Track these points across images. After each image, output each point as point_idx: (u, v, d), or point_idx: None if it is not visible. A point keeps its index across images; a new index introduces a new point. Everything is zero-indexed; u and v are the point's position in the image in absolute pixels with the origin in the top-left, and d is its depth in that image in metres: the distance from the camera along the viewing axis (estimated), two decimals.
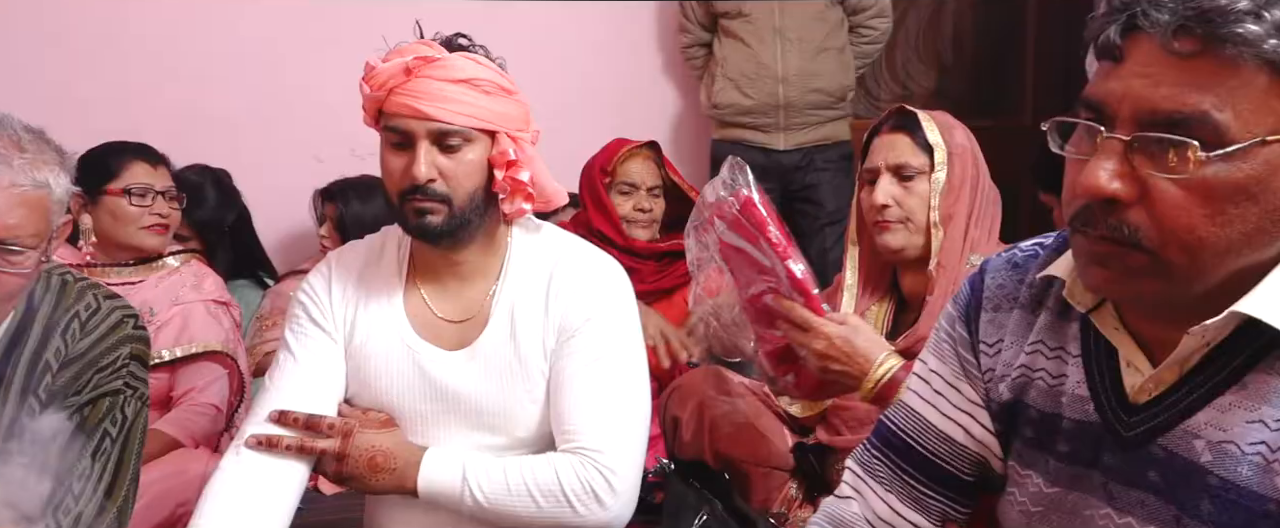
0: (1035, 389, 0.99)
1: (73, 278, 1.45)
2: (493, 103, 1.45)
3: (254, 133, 3.17)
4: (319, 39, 3.19)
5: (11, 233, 1.27)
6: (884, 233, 1.74)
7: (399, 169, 1.45)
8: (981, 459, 1.07)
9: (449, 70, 1.43)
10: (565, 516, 1.43)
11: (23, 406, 1.36)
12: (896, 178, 1.73)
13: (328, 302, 1.55)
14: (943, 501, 1.09)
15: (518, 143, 1.48)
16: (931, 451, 1.08)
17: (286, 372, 1.52)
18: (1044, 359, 0.99)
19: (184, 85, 3.11)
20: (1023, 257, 1.05)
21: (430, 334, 1.52)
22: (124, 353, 1.42)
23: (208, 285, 2.32)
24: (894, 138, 1.75)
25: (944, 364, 1.09)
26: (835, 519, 1.13)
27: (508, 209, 1.50)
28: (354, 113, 3.42)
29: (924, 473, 1.09)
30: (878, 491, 1.11)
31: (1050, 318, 0.99)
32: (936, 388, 1.09)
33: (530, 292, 1.52)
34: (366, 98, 1.48)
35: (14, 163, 1.27)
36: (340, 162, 3.11)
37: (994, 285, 1.05)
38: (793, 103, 3.23)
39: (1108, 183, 0.81)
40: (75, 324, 1.40)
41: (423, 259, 1.55)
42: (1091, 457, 0.94)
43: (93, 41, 3.04)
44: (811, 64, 3.22)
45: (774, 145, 3.27)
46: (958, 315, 1.08)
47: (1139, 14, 0.80)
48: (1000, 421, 1.04)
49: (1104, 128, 0.82)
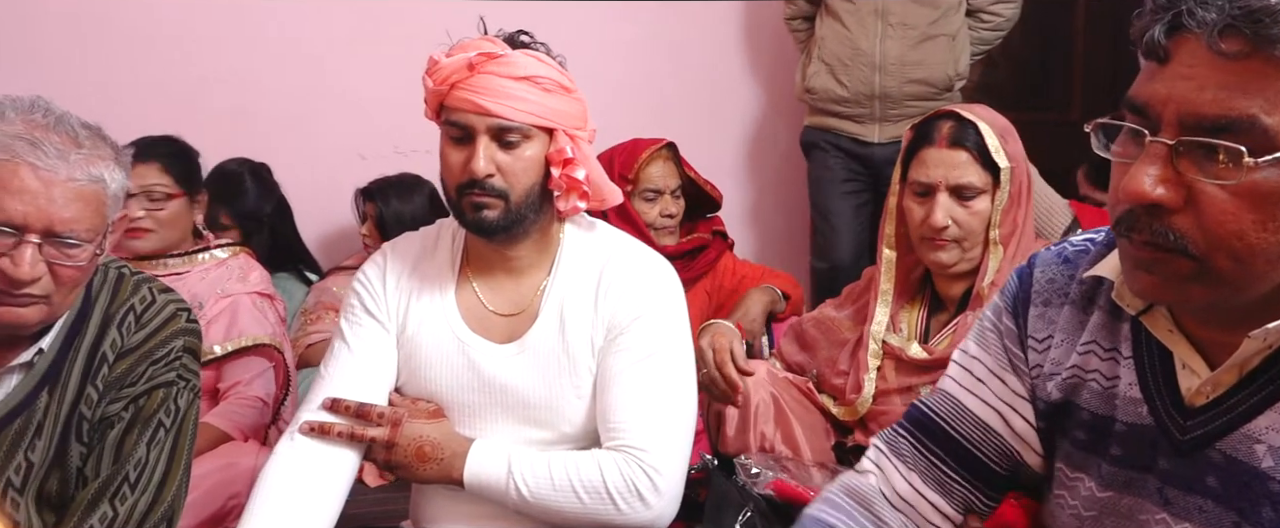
0: (1088, 391, 0.97)
1: (129, 272, 1.48)
2: (552, 100, 1.46)
3: (298, 131, 3.20)
4: (362, 37, 3.22)
5: (68, 226, 1.29)
6: (937, 251, 1.69)
7: (458, 163, 1.47)
8: (1015, 453, 1.05)
9: (511, 67, 1.44)
10: (608, 513, 1.43)
11: (81, 396, 1.38)
12: (956, 198, 1.66)
13: (382, 291, 1.57)
14: (968, 488, 1.07)
15: (575, 141, 1.49)
16: (965, 436, 1.06)
17: (340, 360, 1.54)
18: (1098, 360, 0.96)
19: (230, 84, 3.14)
20: (1073, 252, 1.03)
21: (480, 327, 1.54)
22: (177, 345, 1.44)
23: (254, 278, 2.33)
24: (954, 154, 1.67)
25: (987, 353, 1.07)
26: (851, 490, 1.10)
27: (563, 207, 1.52)
28: (396, 110, 3.47)
29: (954, 458, 1.07)
30: (900, 468, 1.09)
31: (1103, 318, 0.97)
32: (978, 375, 1.07)
33: (580, 288, 1.53)
34: (428, 91, 1.49)
35: (71, 158, 1.29)
36: (383, 159, 3.14)
37: (1044, 280, 1.03)
38: (889, 93, 3.01)
39: (1152, 189, 0.78)
40: (130, 317, 1.42)
41: (476, 253, 1.57)
42: (1146, 461, 0.91)
43: (141, 42, 3.08)
44: (913, 52, 2.99)
45: (868, 137, 3.07)
46: (1005, 307, 1.06)
47: (1184, 13, 0.78)
48: (1046, 419, 1.02)
49: (1148, 131, 0.80)
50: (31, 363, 1.38)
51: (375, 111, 3.24)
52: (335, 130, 3.24)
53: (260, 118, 3.15)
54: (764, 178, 3.71)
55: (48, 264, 1.29)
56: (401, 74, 3.18)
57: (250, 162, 2.96)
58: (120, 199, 1.37)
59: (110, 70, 3.00)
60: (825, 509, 1.07)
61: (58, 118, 1.32)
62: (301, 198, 3.04)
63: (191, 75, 3.10)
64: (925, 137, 1.72)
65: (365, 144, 3.24)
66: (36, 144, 1.27)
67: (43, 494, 1.37)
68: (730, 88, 3.63)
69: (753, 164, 3.71)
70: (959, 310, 1.75)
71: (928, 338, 1.76)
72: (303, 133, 3.20)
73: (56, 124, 1.31)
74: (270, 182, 2.98)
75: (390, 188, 2.97)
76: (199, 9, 3.10)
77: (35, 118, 1.30)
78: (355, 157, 3.21)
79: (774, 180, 3.71)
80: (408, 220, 2.83)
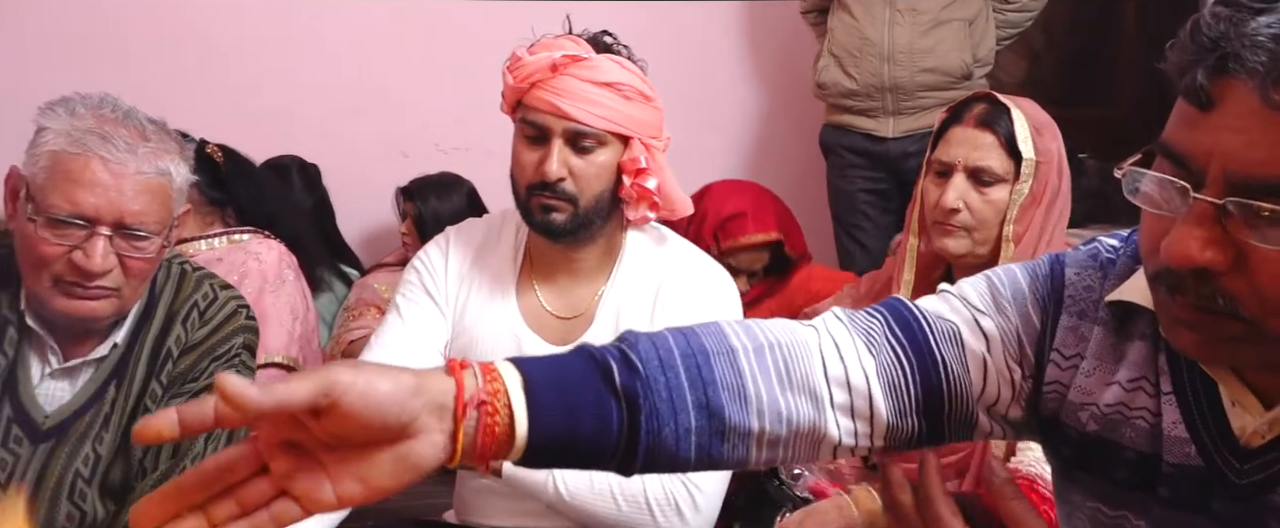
0: (1132, 429, 0.87)
1: (190, 268, 1.49)
2: (631, 108, 1.45)
3: (342, 129, 3.21)
4: (406, 36, 3.24)
5: (138, 219, 1.30)
6: (946, 236, 1.59)
7: (531, 164, 1.45)
8: (974, 417, 0.90)
9: (594, 72, 1.43)
10: (644, 523, 1.42)
11: (146, 390, 1.40)
12: (974, 181, 1.57)
13: (443, 276, 1.56)
14: (912, 413, 0.88)
15: (650, 150, 1.47)
16: (946, 363, 0.88)
17: (391, 330, 1.53)
18: (1146, 397, 0.86)
19: (275, 83, 3.17)
20: (1106, 258, 0.91)
21: (538, 327, 1.53)
22: (238, 343, 1.46)
23: (270, 257, 2.26)
24: (979, 135, 1.57)
25: (995, 315, 0.91)
26: (781, 338, 0.86)
27: (632, 216, 1.50)
28: (439, 108, 3.48)
29: (920, 372, 0.88)
30: (857, 346, 0.88)
31: (1145, 349, 0.87)
32: (982, 326, 0.90)
33: (638, 296, 1.52)
34: (507, 87, 1.48)
35: (139, 152, 1.31)
36: (426, 157, 3.15)
37: (1080, 285, 0.91)
38: (900, 84, 2.81)
39: (1201, 253, 0.70)
40: (195, 313, 1.44)
41: (539, 253, 1.55)
42: (1197, 502, 0.83)
43: (190, 47, 3.12)
44: (923, 40, 2.78)
45: (881, 132, 2.87)
46: (1033, 299, 0.91)
47: (1231, 56, 0.67)
48: (1075, 449, 0.90)
49: (1191, 186, 0.71)
50: (103, 357, 1.39)
51: (417, 110, 3.25)
52: (378, 129, 3.25)
53: (305, 117, 3.17)
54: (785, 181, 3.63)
55: (118, 257, 1.31)
56: (444, 73, 3.23)
57: (296, 158, 2.99)
58: (184, 192, 1.39)
59: (161, 74, 3.03)
60: (737, 333, 0.85)
61: (126, 113, 1.34)
62: (346, 196, 3.07)
63: (239, 78, 3.13)
64: (956, 116, 1.63)
65: (408, 142, 3.25)
66: (107, 138, 1.29)
67: (106, 485, 1.38)
68: (742, 88, 3.57)
69: (771, 167, 3.64)
70: None
71: None
72: (346, 132, 3.22)
73: (125, 118, 1.33)
74: (314, 178, 3.00)
75: (429, 187, 2.98)
76: (246, 14, 3.14)
77: (104, 112, 1.32)
78: (398, 155, 3.22)
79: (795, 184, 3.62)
80: (445, 219, 2.81)
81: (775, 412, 0.83)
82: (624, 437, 0.78)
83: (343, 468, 0.69)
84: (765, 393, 0.83)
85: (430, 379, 0.72)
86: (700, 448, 0.81)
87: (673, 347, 0.82)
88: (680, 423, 0.80)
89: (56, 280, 1.30)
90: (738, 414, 0.82)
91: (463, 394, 0.72)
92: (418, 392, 0.70)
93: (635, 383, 0.79)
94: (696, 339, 0.84)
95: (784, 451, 0.85)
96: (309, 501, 0.69)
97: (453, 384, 0.72)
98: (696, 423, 0.80)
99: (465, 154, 3.17)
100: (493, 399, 0.73)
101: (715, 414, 0.81)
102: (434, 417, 0.71)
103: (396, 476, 0.70)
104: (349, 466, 0.69)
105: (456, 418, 0.72)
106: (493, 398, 0.73)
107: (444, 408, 0.72)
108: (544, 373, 0.77)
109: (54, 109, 1.32)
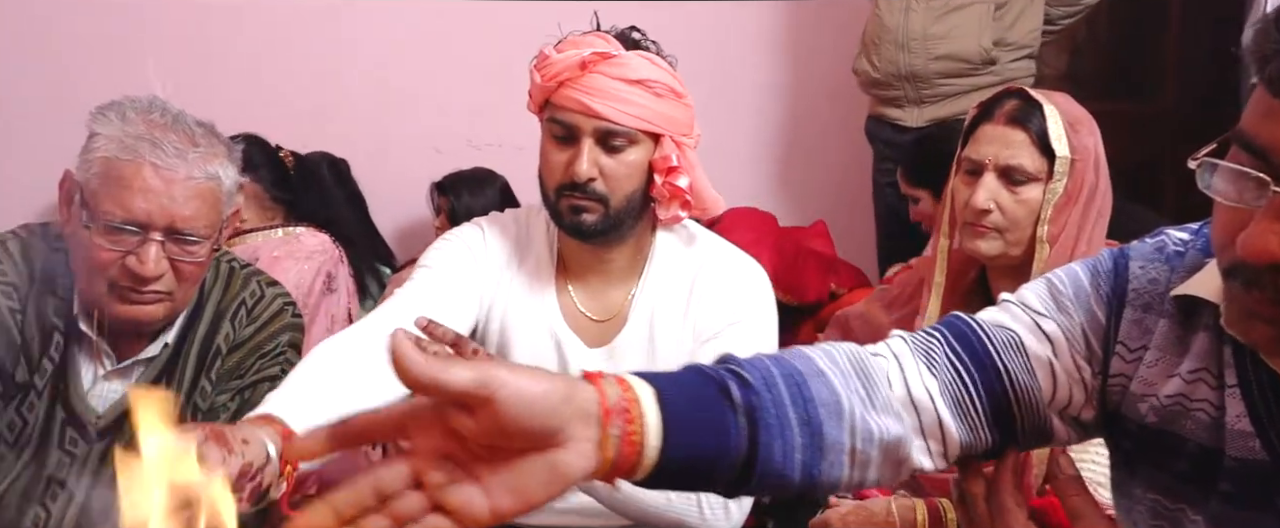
0: (1193, 421, 0.86)
1: (238, 265, 1.51)
2: (662, 106, 1.41)
3: (375, 126, 3.24)
4: (438, 33, 3.25)
5: (189, 223, 1.32)
6: (977, 238, 1.54)
7: (560, 164, 1.42)
8: (1047, 422, 0.90)
9: (624, 69, 1.39)
10: (690, 516, 1.39)
11: (196, 388, 1.42)
12: (1005, 181, 1.52)
13: (484, 255, 1.51)
14: (983, 429, 0.88)
15: (681, 148, 1.44)
16: (1011, 374, 0.88)
17: (423, 282, 1.45)
18: (1207, 389, 0.86)
19: (310, 82, 3.20)
20: (1172, 250, 0.90)
21: (576, 327, 1.51)
22: (284, 340, 1.47)
23: (311, 243, 2.49)
24: (1010, 132, 1.52)
25: (1058, 315, 0.91)
26: (854, 359, 0.88)
27: (663, 215, 1.47)
28: (471, 104, 3.48)
29: (985, 388, 0.88)
30: (921, 369, 0.89)
31: (1209, 341, 0.85)
32: (1045, 330, 0.90)
33: (671, 296, 1.49)
34: (535, 86, 1.44)
35: (189, 157, 1.32)
36: (459, 152, 3.17)
37: (1145, 279, 0.90)
38: (917, 72, 2.76)
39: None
40: (242, 311, 1.46)
41: (571, 253, 1.53)
42: (1261, 498, 0.82)
43: (227, 46, 3.16)
44: (937, 25, 2.72)
45: (905, 122, 2.82)
46: (1096, 295, 0.91)
47: None
48: (1135, 441, 0.90)
49: (1271, 179, 0.69)
50: (154, 356, 1.42)
51: (450, 106, 3.27)
52: (412, 125, 3.27)
53: (339, 114, 3.20)
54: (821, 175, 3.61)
55: (170, 261, 1.32)
56: (476, 69, 3.24)
57: (327, 155, 3.02)
58: (233, 195, 1.40)
59: (199, 73, 3.07)
60: (821, 356, 0.87)
61: (175, 117, 1.35)
62: (378, 191, 3.09)
63: (275, 76, 3.17)
64: (986, 113, 1.58)
65: (440, 138, 3.27)
66: (157, 144, 1.30)
67: None
68: (774, 79, 3.54)
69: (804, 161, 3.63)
70: None
71: None
72: (379, 128, 3.24)
73: (174, 123, 1.34)
74: (345, 174, 3.03)
75: (462, 182, 3.00)
76: (281, 14, 3.17)
77: (154, 118, 1.34)
78: (432, 150, 3.24)
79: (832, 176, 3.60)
80: (478, 214, 2.80)
81: (866, 431, 0.83)
82: (744, 455, 0.76)
83: (496, 480, 0.68)
84: (858, 411, 0.83)
85: (575, 385, 0.70)
86: (804, 467, 0.80)
87: (770, 366, 0.82)
88: (788, 440, 0.79)
89: (112, 285, 1.32)
90: (835, 431, 0.81)
91: (605, 400, 0.70)
92: (568, 398, 0.68)
93: (753, 399, 0.78)
94: (788, 362, 0.84)
95: (873, 471, 0.85)
96: (462, 514, 0.67)
97: (595, 391, 0.70)
98: (801, 440, 0.79)
99: (498, 150, 3.19)
100: (631, 408, 0.71)
101: (816, 431, 0.80)
102: (582, 424, 0.69)
103: (548, 486, 0.69)
104: (502, 477, 0.68)
105: (603, 426, 0.70)
106: (631, 407, 0.71)
107: (590, 415, 0.70)
108: (672, 387, 0.75)
109: (105, 114, 1.33)
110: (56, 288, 1.39)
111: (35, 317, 1.37)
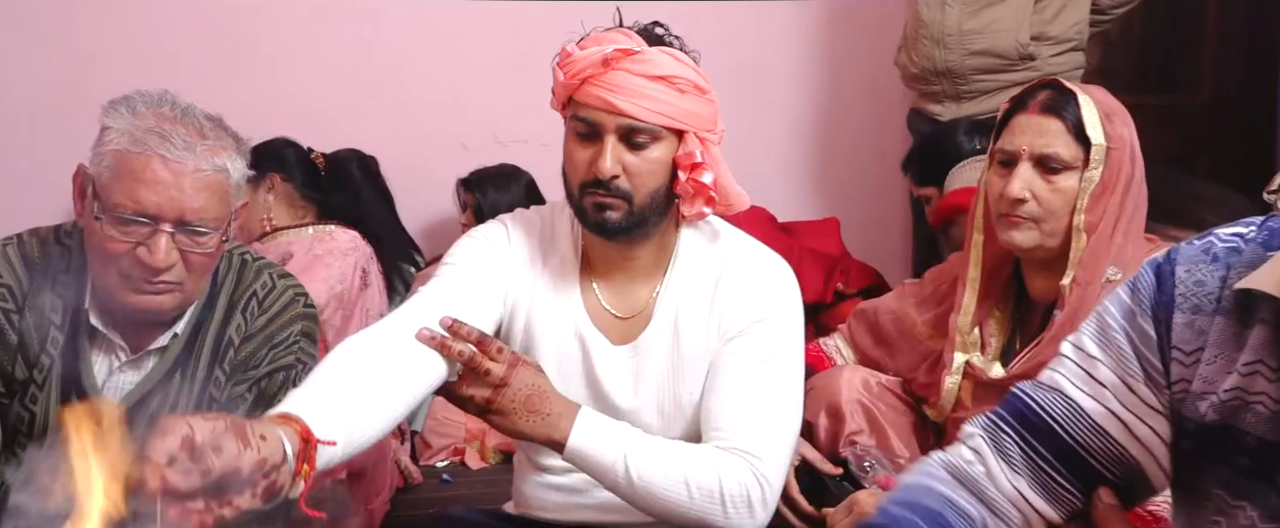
0: (1253, 415, 0.86)
1: (251, 257, 1.53)
2: (686, 102, 1.40)
3: (403, 123, 3.26)
4: (465, 30, 3.28)
5: (198, 215, 1.34)
6: (1012, 228, 1.53)
7: (583, 161, 1.41)
8: (1135, 463, 0.94)
9: (648, 65, 1.38)
10: (713, 515, 1.38)
11: (210, 378, 1.45)
12: (1040, 170, 1.51)
13: (509, 253, 1.51)
14: (1078, 496, 0.95)
15: (705, 144, 1.43)
16: (1080, 441, 0.94)
17: (448, 280, 1.45)
18: (1265, 381, 0.86)
19: (338, 79, 3.23)
20: (1223, 248, 0.90)
21: (601, 325, 1.50)
22: (296, 330, 1.49)
23: (344, 240, 2.52)
24: (1044, 121, 1.52)
25: (1109, 356, 0.94)
26: (954, 470, 0.99)
27: (687, 212, 1.46)
28: (498, 101, 3.49)
29: (1066, 464, 0.95)
30: (1006, 470, 0.97)
31: (1268, 333, 0.85)
32: (1099, 378, 0.94)
33: (696, 293, 1.48)
34: (558, 84, 1.44)
35: (197, 149, 1.35)
36: (486, 149, 3.19)
37: (1191, 282, 0.90)
38: (953, 68, 2.76)
39: None
40: (254, 303, 1.48)
41: (596, 251, 1.52)
42: None
43: (254, 43, 3.19)
44: (973, 20, 2.72)
45: (943, 116, 2.81)
46: (1140, 310, 0.93)
47: None
48: (1194, 440, 0.91)
49: None
50: (166, 347, 1.44)
51: (477, 103, 3.29)
52: (439, 122, 3.30)
53: (367, 112, 3.23)
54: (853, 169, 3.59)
55: (180, 252, 1.35)
56: (502, 66, 3.26)
57: (356, 151, 3.05)
58: (242, 187, 1.42)
59: (228, 73, 3.11)
60: (928, 480, 0.97)
61: (184, 110, 1.38)
62: (406, 188, 3.11)
63: (303, 74, 3.20)
64: (1020, 103, 1.57)
65: (468, 135, 3.29)
66: (166, 137, 1.33)
67: None
68: (802, 73, 3.52)
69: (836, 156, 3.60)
70: (1044, 323, 1.59)
71: (1010, 356, 1.63)
72: (407, 125, 3.27)
73: (183, 116, 1.37)
74: (374, 171, 3.06)
75: (488, 179, 3.02)
76: (309, 12, 3.20)
77: (163, 111, 1.36)
78: (458, 147, 3.26)
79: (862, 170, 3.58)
80: (504, 210, 2.79)
81: None
82: None
83: None
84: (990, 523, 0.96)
85: None
86: None
87: (918, 520, 0.94)
88: None
89: (124, 276, 1.35)
90: None
91: None
92: None
93: None
94: (922, 505, 0.95)
95: None
96: None
97: None
98: None
99: (524, 147, 3.20)
100: None
101: None
102: None
103: None
104: None
105: None
106: None
107: None
108: None
109: (116, 107, 1.36)
110: (60, 287, 1.42)
111: (34, 317, 1.41)
